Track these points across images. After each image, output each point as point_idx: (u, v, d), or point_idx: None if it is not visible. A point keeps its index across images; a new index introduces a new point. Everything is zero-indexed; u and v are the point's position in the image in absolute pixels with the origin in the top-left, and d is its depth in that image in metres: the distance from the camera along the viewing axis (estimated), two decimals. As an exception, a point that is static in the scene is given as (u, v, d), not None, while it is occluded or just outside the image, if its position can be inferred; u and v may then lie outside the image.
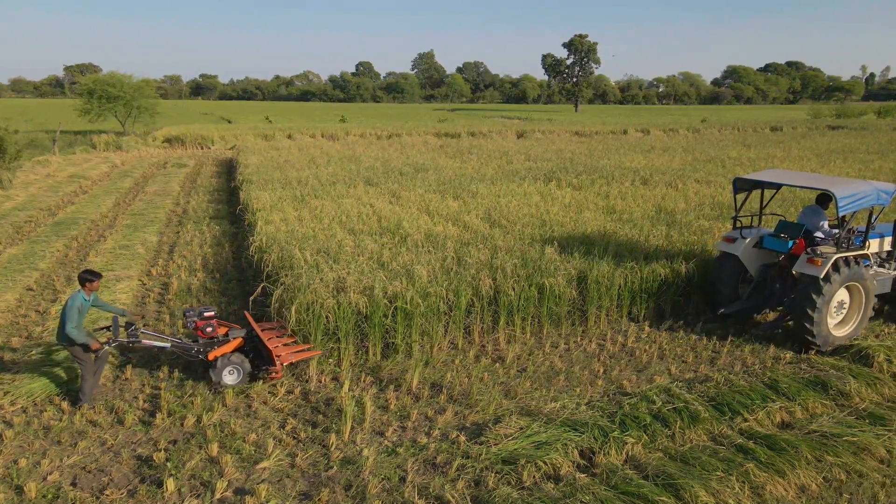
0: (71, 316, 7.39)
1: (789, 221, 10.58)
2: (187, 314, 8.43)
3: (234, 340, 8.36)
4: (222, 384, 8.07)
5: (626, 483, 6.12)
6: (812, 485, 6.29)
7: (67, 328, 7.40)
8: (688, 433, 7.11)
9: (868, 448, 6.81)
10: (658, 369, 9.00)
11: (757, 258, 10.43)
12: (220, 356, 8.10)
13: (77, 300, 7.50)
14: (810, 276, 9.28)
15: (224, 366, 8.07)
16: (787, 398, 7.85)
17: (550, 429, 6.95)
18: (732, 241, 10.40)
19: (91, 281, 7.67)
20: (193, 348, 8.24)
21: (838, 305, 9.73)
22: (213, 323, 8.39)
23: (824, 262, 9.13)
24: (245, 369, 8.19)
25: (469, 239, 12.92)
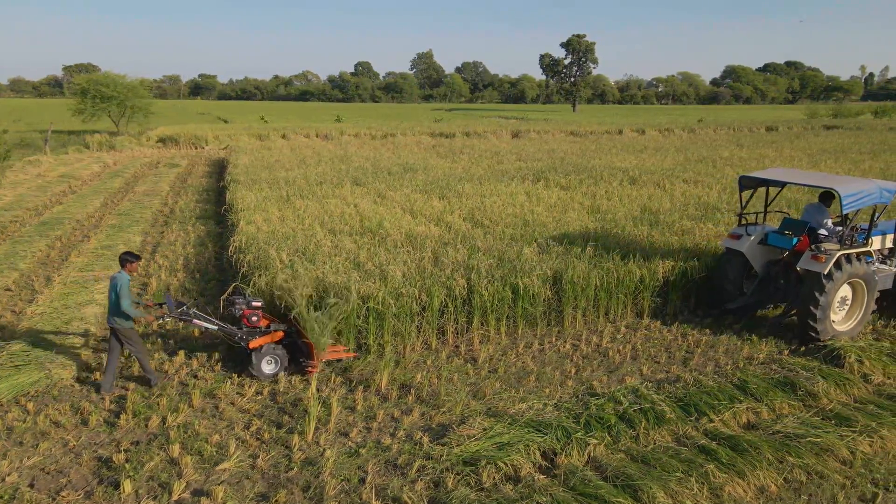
0: (123, 294, 7.76)
1: (793, 219, 10.77)
2: (236, 302, 8.75)
3: (276, 333, 8.63)
4: (261, 373, 8.38)
5: (584, 484, 6.10)
6: (772, 486, 6.28)
7: (123, 306, 7.76)
8: (652, 434, 7.09)
9: (831, 449, 6.79)
10: (630, 370, 8.99)
11: (761, 255, 10.60)
12: (261, 346, 8.38)
13: (122, 279, 7.85)
14: (814, 272, 9.44)
15: (264, 355, 8.39)
16: (754, 399, 7.84)
17: (514, 430, 6.94)
18: (737, 237, 10.56)
19: (131, 262, 8.08)
20: (237, 334, 8.53)
21: (841, 301, 9.93)
22: (259, 313, 8.66)
23: (828, 259, 9.30)
24: (282, 361, 8.49)
25: (449, 239, 12.90)
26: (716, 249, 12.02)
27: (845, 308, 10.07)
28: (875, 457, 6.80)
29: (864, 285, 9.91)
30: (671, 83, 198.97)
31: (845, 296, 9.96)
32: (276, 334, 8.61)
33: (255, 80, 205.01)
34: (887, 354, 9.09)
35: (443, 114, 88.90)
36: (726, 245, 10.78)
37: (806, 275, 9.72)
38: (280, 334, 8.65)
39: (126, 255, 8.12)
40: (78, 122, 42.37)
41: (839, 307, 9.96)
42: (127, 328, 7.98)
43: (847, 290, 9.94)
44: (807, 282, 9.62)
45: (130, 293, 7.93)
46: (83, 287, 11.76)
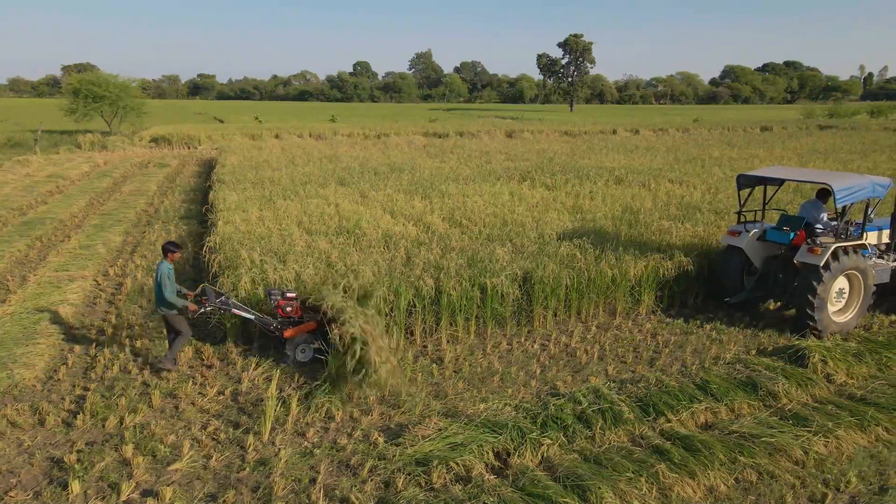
0: (164, 283, 8.20)
1: (791, 215, 11.07)
2: (271, 294, 9.01)
3: (309, 323, 8.91)
4: (295, 360, 8.79)
5: (533, 484, 6.10)
6: (721, 486, 6.28)
7: (166, 295, 8.22)
8: (608, 434, 7.09)
9: (784, 449, 6.78)
10: (595, 370, 8.99)
11: (761, 250, 10.90)
12: (295, 335, 8.72)
13: (164, 268, 8.27)
14: (811, 265, 9.75)
15: (297, 344, 8.81)
16: (714, 399, 7.83)
17: (468, 430, 6.93)
18: (737, 234, 10.91)
19: (172, 251, 8.53)
20: (272, 324, 8.93)
21: (838, 293, 10.21)
22: (293, 304, 8.99)
23: (824, 252, 9.63)
24: (315, 350, 8.82)
25: (425, 239, 12.92)
26: (691, 248, 12.04)
27: (843, 300, 10.33)
28: (829, 457, 6.80)
29: (861, 278, 10.16)
30: (670, 83, 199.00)
31: (842, 288, 10.25)
32: (309, 324, 8.91)
33: (254, 80, 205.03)
34: (853, 354, 9.08)
35: (440, 114, 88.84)
36: (726, 242, 11.11)
37: (803, 267, 10.00)
38: (313, 325, 8.92)
39: (168, 244, 8.54)
40: (71, 122, 42.29)
41: (836, 299, 10.23)
42: (172, 314, 8.40)
43: (844, 283, 10.21)
44: (804, 274, 9.92)
45: (173, 282, 8.34)
46: (57, 287, 11.76)
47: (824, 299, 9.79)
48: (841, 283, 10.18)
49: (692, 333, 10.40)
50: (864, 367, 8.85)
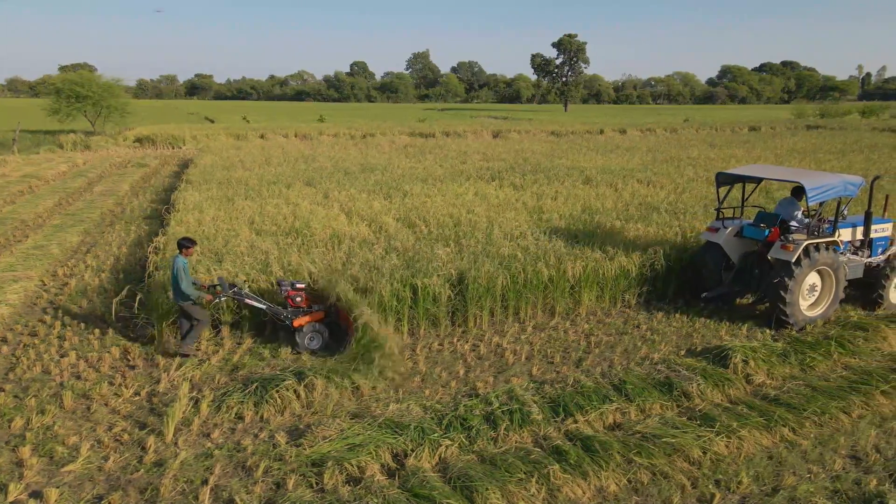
0: (180, 276, 8.66)
1: (767, 212, 11.40)
2: (281, 284, 9.52)
3: (318, 312, 9.44)
4: (306, 348, 9.24)
5: (421, 486, 6.09)
6: (612, 486, 6.27)
7: (183, 287, 8.68)
8: (512, 435, 7.07)
9: (683, 449, 6.77)
10: (520, 370, 8.98)
11: (738, 246, 11.24)
12: (305, 324, 9.20)
13: (180, 262, 8.74)
14: (783, 260, 10.10)
15: (307, 332, 9.25)
16: (627, 399, 7.82)
17: (370, 431, 6.92)
18: (715, 230, 11.26)
19: (187, 247, 9.01)
20: (283, 313, 9.36)
21: (810, 288, 10.54)
22: (302, 294, 9.46)
23: (795, 248, 9.92)
24: (324, 337, 9.37)
25: (373, 239, 12.92)
26: (639, 248, 12.04)
27: (815, 295, 10.66)
28: (727, 458, 6.79)
29: (832, 273, 10.45)
30: (667, 83, 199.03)
31: (814, 283, 10.57)
32: (317, 314, 9.40)
33: (252, 81, 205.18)
34: (779, 355, 9.07)
35: (434, 114, 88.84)
36: (705, 238, 11.46)
37: (776, 263, 10.35)
38: (321, 314, 9.44)
39: (183, 240, 9.05)
40: (55, 122, 42.27)
41: (808, 294, 10.56)
42: (188, 305, 8.84)
43: (816, 278, 10.55)
44: (777, 269, 10.25)
45: (188, 275, 8.80)
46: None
47: (796, 294, 10.11)
48: (813, 279, 10.51)
49: (627, 334, 10.39)
50: (786, 367, 8.85)
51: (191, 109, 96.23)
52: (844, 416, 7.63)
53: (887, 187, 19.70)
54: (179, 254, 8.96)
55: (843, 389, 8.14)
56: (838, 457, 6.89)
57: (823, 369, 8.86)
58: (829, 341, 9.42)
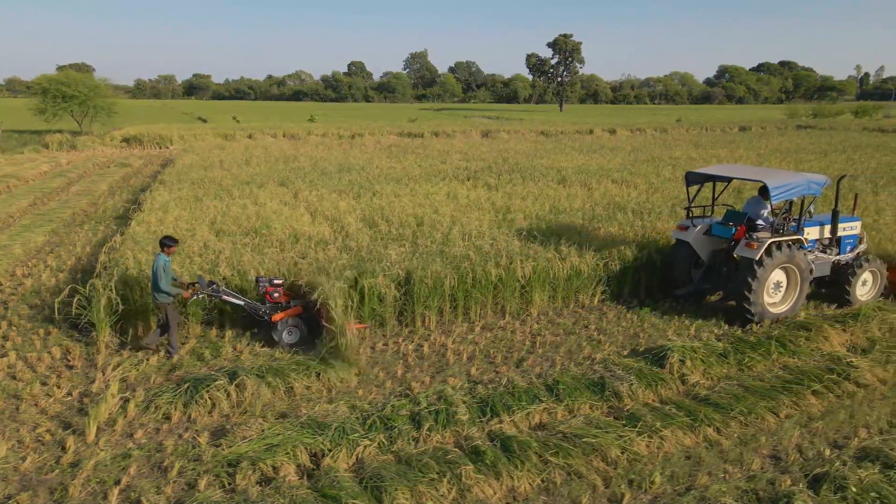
0: (159, 275, 8.83)
1: (735, 211, 11.60)
2: (259, 281, 9.68)
3: (296, 308, 9.63)
4: (283, 342, 9.43)
5: (331, 486, 6.08)
6: (523, 487, 6.27)
7: (161, 285, 8.83)
8: (435, 435, 7.06)
9: (602, 449, 6.76)
10: (459, 370, 8.97)
11: (707, 244, 11.40)
12: (282, 319, 9.40)
13: (161, 261, 8.90)
14: (747, 258, 10.28)
15: (284, 327, 9.47)
16: (557, 399, 7.81)
17: (290, 431, 6.91)
18: (685, 229, 11.45)
19: (169, 245, 9.13)
20: (261, 309, 9.56)
21: (775, 285, 10.66)
22: (280, 290, 9.65)
23: (759, 246, 10.13)
24: (302, 332, 9.57)
25: (330, 239, 12.92)
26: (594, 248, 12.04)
27: (780, 292, 10.77)
28: (645, 457, 6.78)
29: (797, 271, 10.56)
30: (665, 83, 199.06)
31: (779, 280, 10.69)
32: (295, 309, 9.60)
33: (249, 80, 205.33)
34: (719, 354, 9.06)
35: (429, 114, 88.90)
36: (675, 236, 11.65)
37: (741, 261, 10.55)
38: (299, 309, 9.62)
39: (164, 239, 9.18)
40: (42, 121, 42.25)
41: (774, 290, 10.68)
42: (164, 303, 8.96)
43: (781, 275, 10.67)
44: (742, 267, 10.46)
45: (168, 273, 8.95)
46: (-48, 287, 11.75)
47: (760, 291, 10.24)
48: (778, 276, 10.63)
49: (575, 334, 10.38)
50: (724, 367, 8.84)
51: (185, 109, 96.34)
52: (771, 417, 7.63)
53: (859, 187, 19.72)
54: (161, 252, 9.12)
55: (775, 389, 8.13)
56: (758, 456, 6.89)
57: (761, 369, 8.85)
58: (771, 341, 9.41)
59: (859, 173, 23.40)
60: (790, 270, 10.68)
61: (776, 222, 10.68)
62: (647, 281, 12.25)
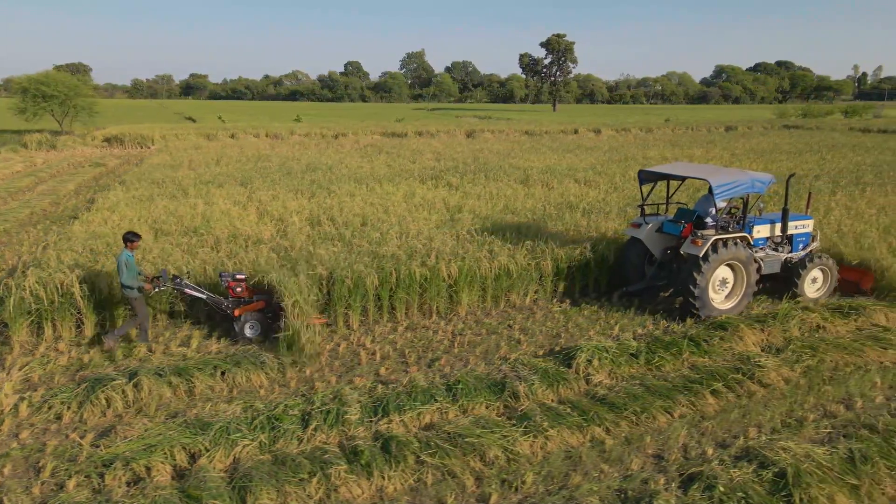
0: (122, 269, 9.13)
1: (687, 209, 11.75)
2: (223, 276, 9.89)
3: (258, 302, 9.84)
4: (245, 336, 9.62)
5: (197, 486, 6.06)
6: (392, 487, 6.25)
7: (123, 279, 9.14)
8: (319, 435, 7.04)
9: (482, 449, 6.74)
10: (368, 370, 8.95)
11: (659, 242, 11.58)
12: (244, 313, 9.59)
13: (124, 257, 9.21)
14: (693, 255, 10.37)
15: (246, 321, 9.65)
16: (453, 399, 7.79)
17: (172, 430, 6.90)
18: (638, 226, 11.62)
19: (132, 241, 9.43)
20: (224, 303, 9.79)
21: (721, 282, 10.79)
22: (243, 285, 9.87)
23: (704, 243, 10.24)
24: (263, 325, 9.76)
25: (267, 239, 12.92)
26: (532, 246, 12.06)
27: (727, 288, 10.88)
28: (524, 457, 6.76)
29: (743, 268, 10.68)
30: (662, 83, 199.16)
31: (725, 277, 10.80)
32: (258, 304, 9.81)
33: (246, 80, 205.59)
34: (631, 354, 9.04)
35: (422, 113, 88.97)
36: (628, 233, 11.84)
37: (688, 257, 10.61)
38: (261, 304, 9.83)
39: (127, 234, 9.50)
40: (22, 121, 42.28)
41: (720, 287, 10.80)
42: (132, 297, 9.25)
43: (727, 272, 10.79)
44: (687, 264, 10.55)
45: (132, 267, 9.22)
46: None
47: (704, 287, 10.35)
48: (724, 273, 10.75)
49: (497, 334, 10.36)
50: (633, 367, 8.82)
51: (178, 110, 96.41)
52: (665, 416, 7.61)
53: (820, 187, 19.72)
54: (125, 248, 9.40)
55: (675, 389, 8.12)
56: (641, 456, 6.87)
57: (669, 369, 8.83)
58: (685, 341, 9.39)
59: (824, 173, 23.38)
60: (736, 268, 10.78)
61: (723, 220, 10.83)
62: (583, 280, 12.25)
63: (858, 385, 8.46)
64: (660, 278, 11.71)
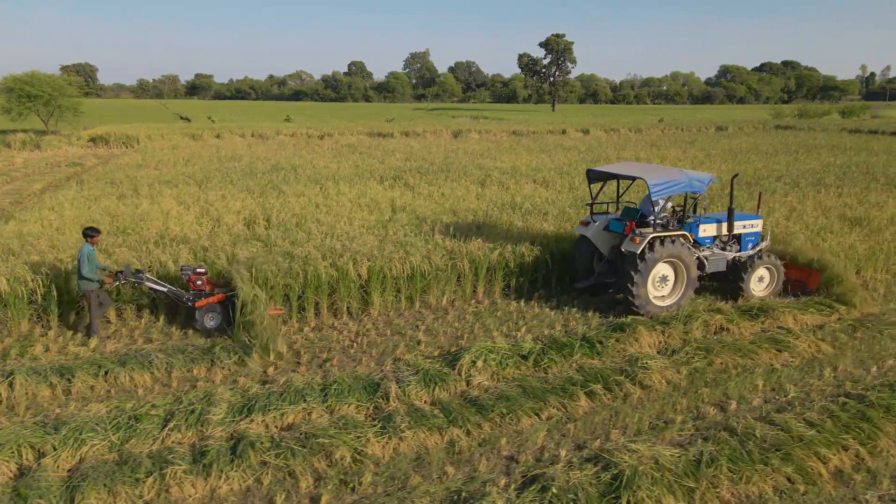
0: (83, 263, 9.43)
1: (632, 208, 12.03)
2: (184, 270, 10.20)
3: (218, 295, 10.10)
4: (204, 326, 9.97)
5: (27, 486, 6.09)
6: (225, 488, 6.26)
7: (83, 272, 9.42)
8: (175, 435, 7.05)
9: (330, 449, 6.73)
10: (255, 370, 8.96)
11: (606, 240, 11.81)
12: (204, 305, 9.92)
13: (86, 250, 9.50)
14: (631, 252, 10.51)
15: (206, 312, 10.00)
16: (322, 400, 7.78)
17: (25, 430, 6.91)
18: (586, 224, 11.88)
19: (92, 236, 9.75)
20: (184, 296, 10.08)
21: (661, 279, 10.89)
22: (203, 278, 10.14)
23: (641, 241, 10.38)
24: (221, 317, 10.09)
25: (193, 239, 12.95)
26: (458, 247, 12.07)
27: (667, 285, 10.96)
28: (373, 458, 6.75)
29: (683, 266, 10.76)
30: (665, 83, 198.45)
31: (665, 274, 10.91)
32: (218, 296, 10.06)
33: (251, 80, 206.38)
34: (522, 356, 9.00)
35: (421, 113, 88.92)
36: (578, 231, 12.08)
37: (627, 255, 10.80)
38: (221, 296, 10.06)
39: (87, 230, 9.80)
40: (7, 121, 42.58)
41: (660, 284, 10.90)
42: (87, 290, 9.58)
43: (668, 270, 10.90)
44: (626, 261, 10.71)
45: (93, 261, 9.57)
46: None
47: (642, 284, 10.47)
48: (664, 270, 10.86)
49: (401, 335, 10.35)
50: (521, 368, 8.78)
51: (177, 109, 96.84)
52: (530, 418, 7.58)
53: (779, 188, 19.60)
54: (86, 242, 9.65)
55: (552, 390, 8.08)
56: (494, 458, 6.85)
57: (556, 370, 8.78)
58: (578, 342, 9.34)
59: (788, 174, 23.23)
60: (677, 265, 10.85)
61: (664, 218, 10.95)
62: (505, 280, 12.22)
63: (738, 387, 8.41)
64: (608, 275, 11.83)
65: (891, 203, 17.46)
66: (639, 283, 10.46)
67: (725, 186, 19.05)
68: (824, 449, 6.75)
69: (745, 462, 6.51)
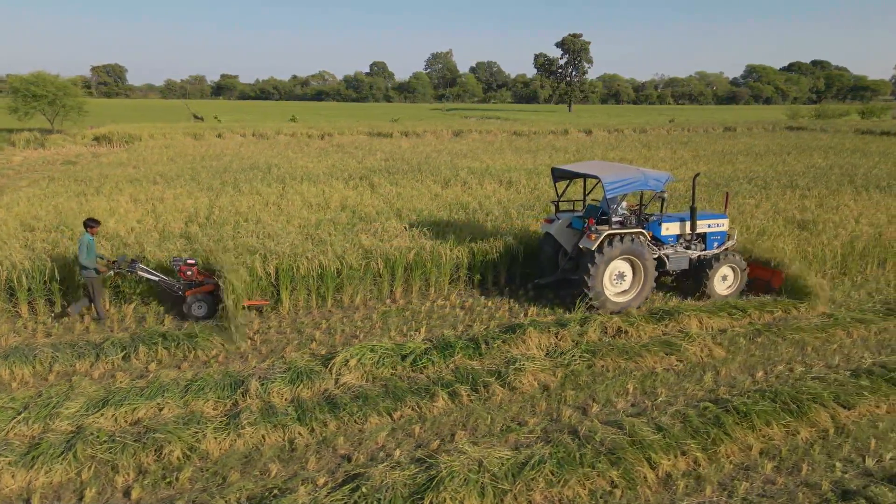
0: (82, 250, 10.04)
1: (594, 206, 12.25)
2: (175, 261, 10.65)
3: (208, 285, 10.55)
4: (193, 316, 10.44)
5: None
6: (46, 479, 6.34)
7: (82, 260, 10.04)
8: (20, 427, 7.15)
9: (161, 444, 6.78)
10: (141, 366, 9.06)
11: (570, 237, 11.91)
12: (194, 294, 10.40)
13: (85, 239, 10.11)
14: (587, 248, 10.65)
15: (194, 301, 10.45)
16: (183, 395, 7.84)
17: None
18: (550, 222, 12.06)
19: (91, 226, 10.34)
20: (175, 286, 10.58)
21: (618, 276, 11.05)
22: (193, 269, 10.62)
23: (597, 238, 10.54)
24: (210, 307, 10.51)
25: (123, 235, 13.14)
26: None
27: (624, 282, 11.08)
28: (204, 454, 6.80)
29: (641, 263, 10.90)
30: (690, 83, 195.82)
31: (623, 271, 11.06)
32: (207, 286, 10.52)
33: (275, 81, 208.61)
34: (402, 356, 8.95)
35: (437, 114, 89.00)
36: (542, 228, 12.33)
37: (584, 251, 10.93)
38: (210, 287, 10.51)
39: (87, 220, 10.40)
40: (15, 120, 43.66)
41: (617, 281, 11.05)
42: (89, 277, 10.15)
43: (626, 267, 11.05)
44: (583, 257, 10.86)
45: (92, 250, 10.11)
46: None
47: (598, 280, 10.65)
48: (621, 267, 11.02)
49: (300, 333, 10.38)
50: (398, 368, 8.74)
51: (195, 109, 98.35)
52: (380, 418, 7.55)
53: (748, 190, 19.25)
54: (86, 232, 10.23)
55: (413, 391, 8.05)
56: (328, 456, 6.86)
57: (431, 371, 8.73)
58: (460, 342, 9.27)
59: (765, 175, 22.78)
60: (634, 262, 10.95)
61: (623, 216, 11.05)
62: (424, 280, 12.19)
63: (607, 391, 8.27)
64: (571, 272, 11.89)
65: (853, 206, 17.03)
66: (595, 277, 10.56)
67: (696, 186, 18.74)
68: (660, 453, 6.63)
69: (571, 465, 6.41)
